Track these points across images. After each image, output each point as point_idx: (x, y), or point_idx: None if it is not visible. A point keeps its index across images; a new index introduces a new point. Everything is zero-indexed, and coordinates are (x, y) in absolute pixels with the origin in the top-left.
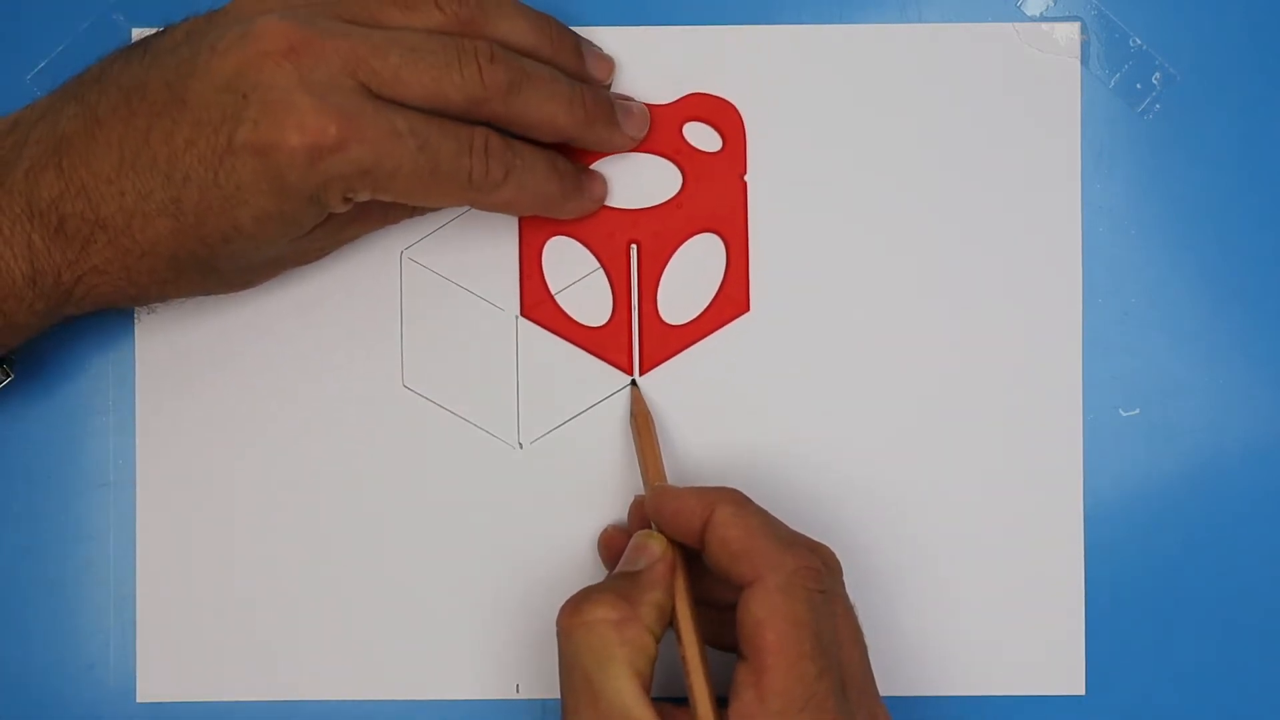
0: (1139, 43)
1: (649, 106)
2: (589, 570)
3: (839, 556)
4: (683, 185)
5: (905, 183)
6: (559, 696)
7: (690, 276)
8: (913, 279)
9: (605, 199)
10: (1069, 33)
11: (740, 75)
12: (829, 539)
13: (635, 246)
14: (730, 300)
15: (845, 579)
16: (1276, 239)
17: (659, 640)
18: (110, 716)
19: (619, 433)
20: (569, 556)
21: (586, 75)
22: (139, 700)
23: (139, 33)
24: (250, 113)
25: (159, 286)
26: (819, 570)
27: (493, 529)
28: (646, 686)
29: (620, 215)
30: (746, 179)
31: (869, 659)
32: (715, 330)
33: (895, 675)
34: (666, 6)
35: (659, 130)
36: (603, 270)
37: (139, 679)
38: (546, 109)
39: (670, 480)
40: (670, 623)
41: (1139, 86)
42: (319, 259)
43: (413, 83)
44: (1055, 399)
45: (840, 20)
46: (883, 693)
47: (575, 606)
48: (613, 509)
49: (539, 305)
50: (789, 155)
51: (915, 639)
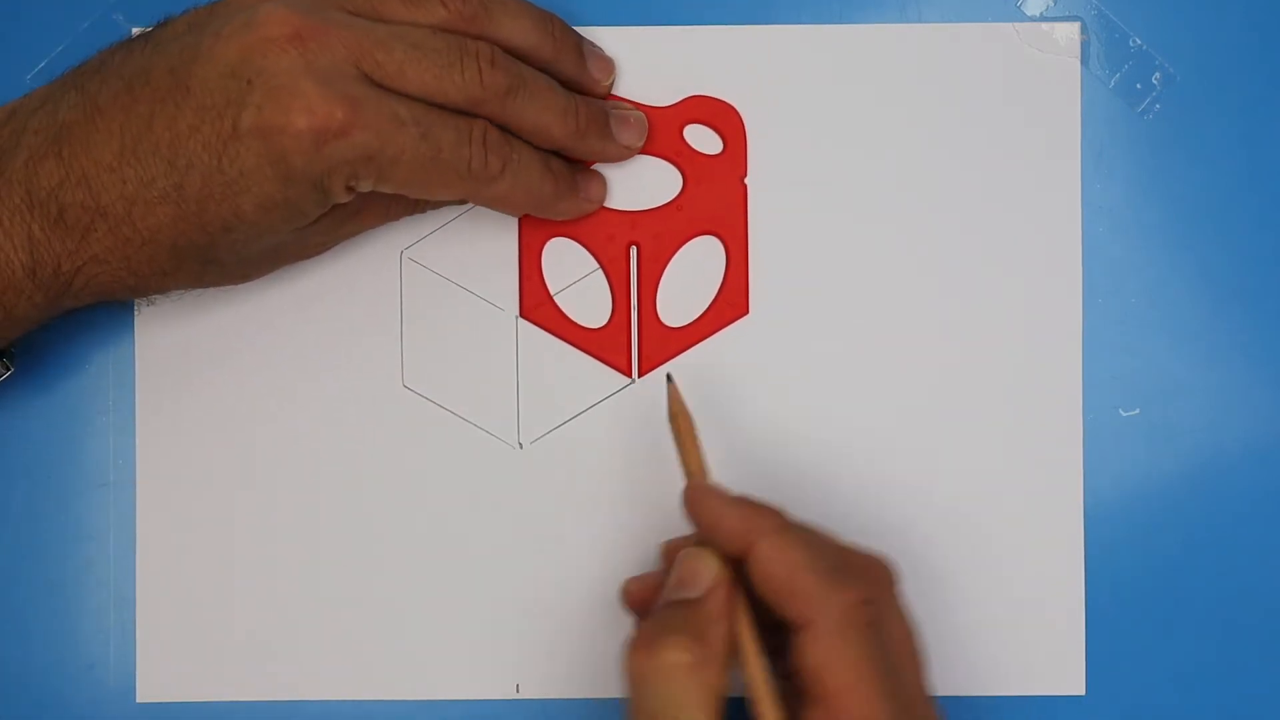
0: (1139, 43)
1: (649, 109)
2: (589, 570)
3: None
4: (683, 187)
5: (905, 183)
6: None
7: (690, 278)
8: (913, 280)
9: (604, 200)
10: (1069, 33)
11: (740, 76)
12: None
13: (635, 248)
14: (730, 303)
15: None
16: (1276, 239)
17: (729, 675)
18: (110, 716)
19: (619, 433)
20: (569, 556)
21: (587, 76)
22: (139, 700)
23: (139, 32)
24: (255, 98)
25: (158, 277)
26: (871, 601)
27: (493, 529)
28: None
29: (620, 217)
30: (746, 182)
31: (926, 665)
32: (714, 332)
33: None
34: (666, 6)
35: (659, 132)
36: (602, 271)
37: (139, 679)
38: (541, 117)
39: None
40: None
41: (1139, 86)
42: (318, 254)
43: (414, 78)
44: (1055, 399)
45: (840, 20)
46: None
47: (648, 648)
48: (613, 509)
49: (538, 306)
50: (789, 158)
51: None
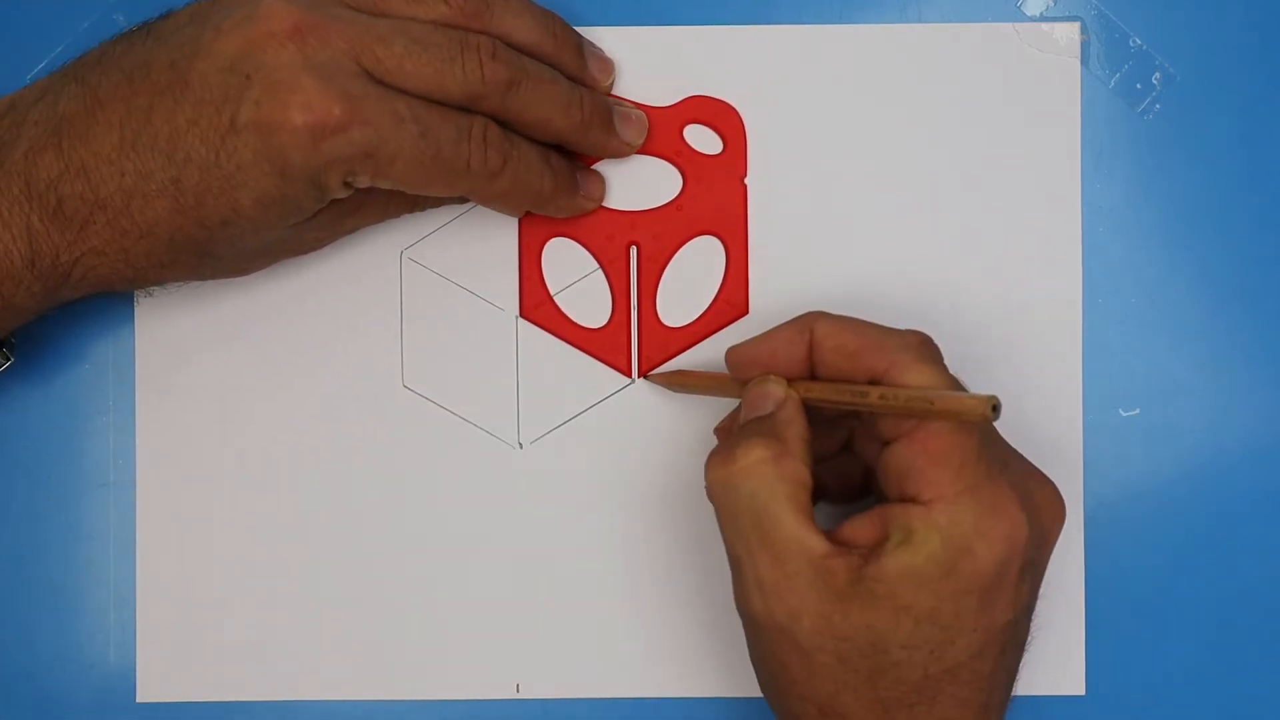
0: (1139, 43)
1: (650, 109)
2: (589, 570)
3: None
4: (683, 187)
5: (905, 184)
6: (726, 548)
7: (690, 279)
8: (912, 280)
9: (603, 199)
10: (1069, 33)
11: (740, 76)
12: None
13: (635, 248)
14: (729, 303)
15: None
16: (1276, 239)
17: (812, 471)
18: (110, 716)
19: (619, 433)
20: (569, 556)
21: (586, 75)
22: (139, 700)
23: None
24: (253, 93)
25: (156, 270)
26: (931, 339)
27: (493, 529)
28: (812, 517)
29: (620, 217)
30: (746, 182)
31: None
32: (714, 333)
33: None
34: (666, 6)
35: (659, 132)
36: (602, 272)
37: (139, 679)
38: (544, 109)
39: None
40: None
41: (1139, 86)
42: (316, 249)
43: (414, 73)
44: (1055, 399)
45: (840, 20)
46: None
47: (727, 455)
48: (612, 509)
49: (538, 306)
50: (789, 158)
51: None
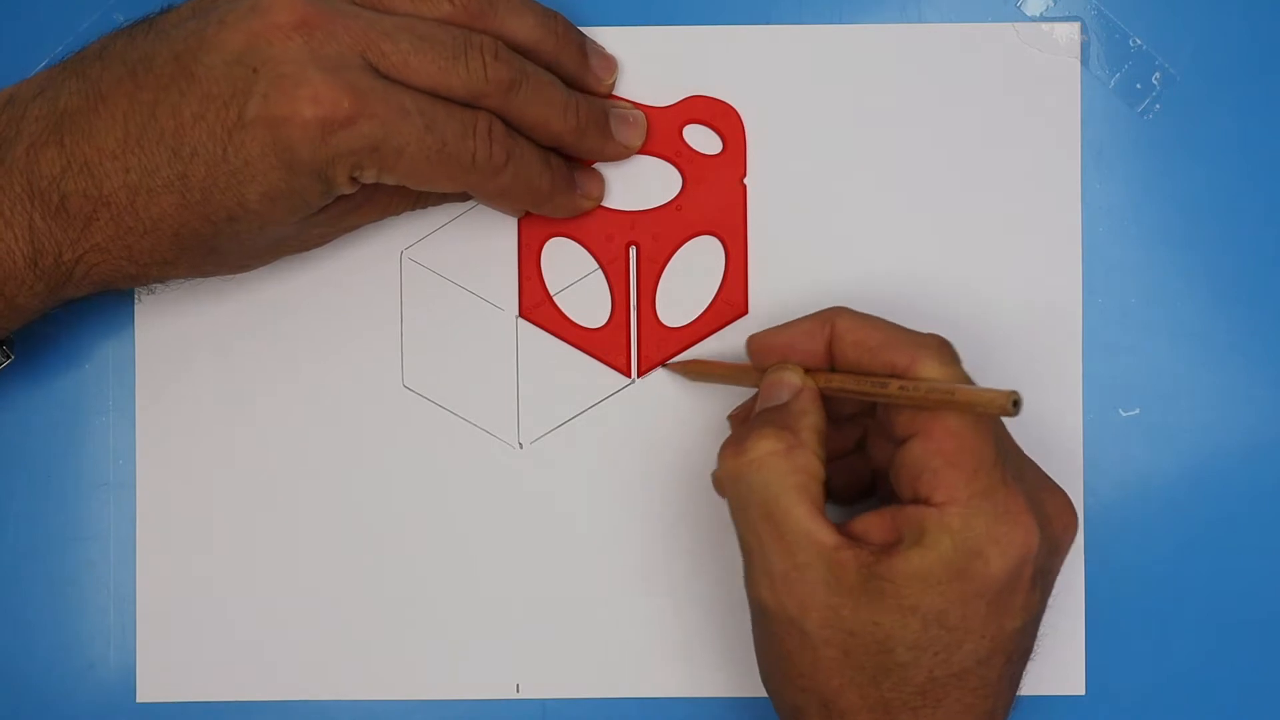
0: (1139, 43)
1: (649, 109)
2: (589, 569)
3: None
4: (682, 187)
5: (905, 184)
6: (738, 537)
7: (689, 279)
8: (912, 280)
9: (602, 198)
10: (1069, 33)
11: (740, 76)
12: None
13: (634, 248)
14: (729, 303)
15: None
16: (1276, 239)
17: (824, 464)
18: (110, 716)
19: (619, 433)
20: (568, 556)
21: (589, 74)
22: (139, 700)
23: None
24: (261, 86)
25: (159, 267)
26: (949, 343)
27: (493, 529)
28: (823, 510)
29: (619, 217)
30: (746, 182)
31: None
32: (714, 332)
33: None
34: (666, 6)
35: (659, 132)
36: (601, 272)
37: (139, 679)
38: (542, 113)
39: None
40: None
41: (1139, 86)
42: (318, 245)
43: (419, 69)
44: (1055, 399)
45: (840, 20)
46: None
47: (738, 447)
48: (612, 509)
49: (538, 306)
50: (789, 158)
51: None
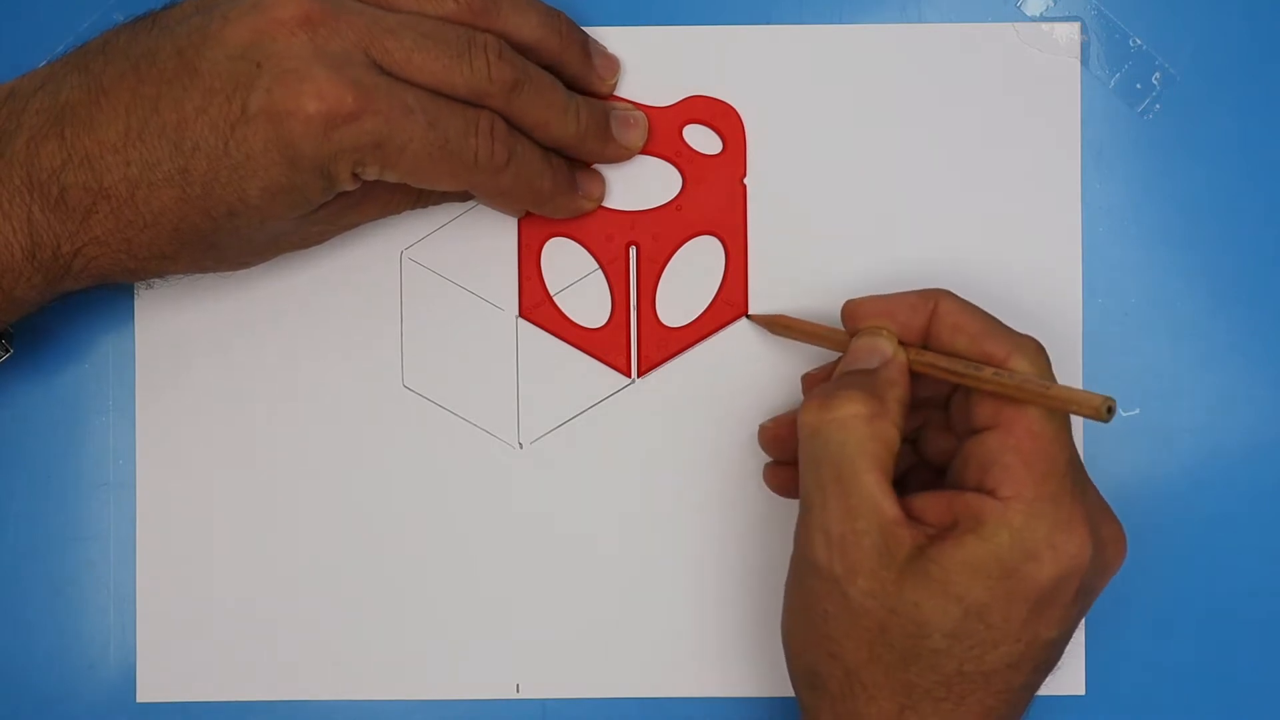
0: (1139, 43)
1: (649, 109)
2: (588, 570)
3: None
4: (682, 187)
5: (905, 184)
6: (801, 490)
7: (689, 279)
8: (912, 280)
9: (603, 199)
10: (1069, 33)
11: (740, 76)
12: None
13: (634, 248)
14: (729, 303)
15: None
16: (1276, 239)
17: (903, 435)
18: (110, 716)
19: (619, 433)
20: (569, 556)
21: (592, 74)
22: (139, 700)
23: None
24: (264, 81)
25: (158, 261)
26: (1043, 350)
27: (493, 529)
28: (890, 480)
29: (619, 217)
30: (746, 182)
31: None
32: (714, 332)
33: None
34: (666, 6)
35: (659, 132)
36: (601, 272)
37: (139, 679)
38: (542, 115)
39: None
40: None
41: (1139, 86)
42: (317, 243)
43: (423, 67)
44: None
45: (840, 20)
46: None
47: (825, 402)
48: (612, 509)
49: (538, 306)
50: (789, 158)
51: None
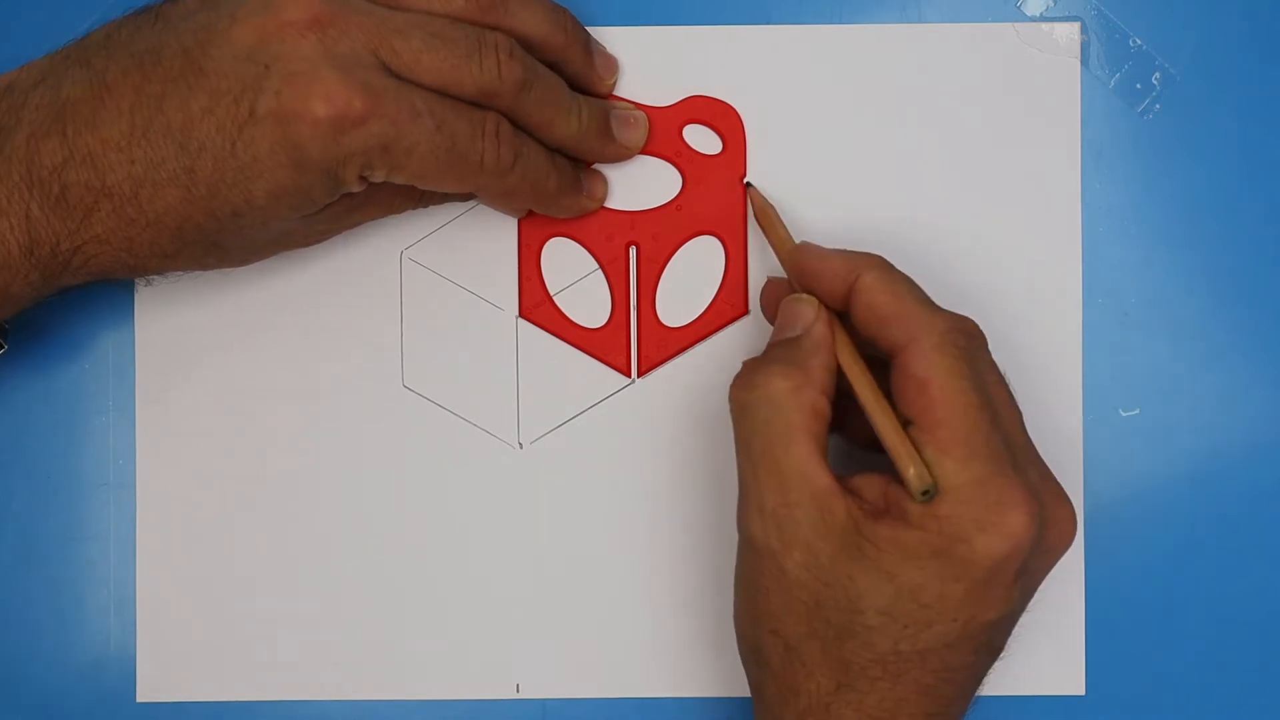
0: (1139, 43)
1: (649, 108)
2: (589, 570)
3: None
4: (682, 187)
5: (905, 184)
6: (737, 467)
7: (689, 278)
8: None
9: (605, 199)
10: (1069, 33)
11: (740, 76)
12: None
13: (634, 248)
14: (729, 303)
15: None
16: (1276, 239)
17: (832, 402)
18: (110, 716)
19: (619, 433)
20: (569, 556)
21: (593, 73)
22: (139, 700)
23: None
24: (272, 83)
25: (158, 259)
26: (970, 331)
27: (492, 529)
28: (824, 452)
29: (619, 217)
30: (746, 181)
31: (1022, 417)
32: (714, 332)
33: None
34: (666, 6)
35: (659, 132)
36: (601, 272)
37: (139, 679)
38: (548, 113)
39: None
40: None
41: (1139, 86)
42: (319, 241)
43: (431, 67)
44: (1055, 399)
45: (840, 20)
46: None
47: (748, 379)
48: (612, 509)
49: (538, 306)
50: (789, 158)
51: None
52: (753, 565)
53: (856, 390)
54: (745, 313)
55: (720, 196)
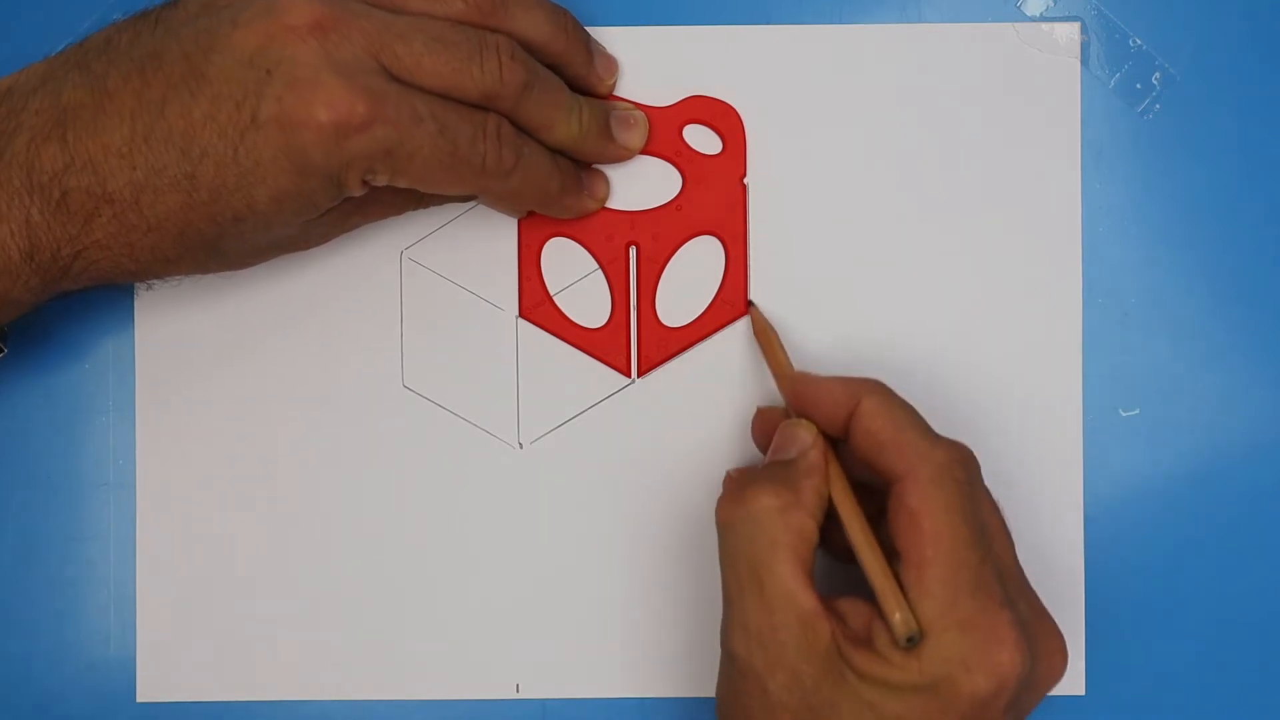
0: (1139, 43)
1: (649, 109)
2: (589, 570)
3: None
4: (682, 187)
5: (905, 184)
6: (722, 586)
7: (689, 279)
8: (912, 281)
9: (607, 199)
10: (1069, 33)
11: (740, 76)
12: None
13: (634, 248)
14: (729, 303)
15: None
16: (1276, 239)
17: (820, 527)
18: (110, 716)
19: (619, 433)
20: (569, 556)
21: (593, 74)
22: (139, 700)
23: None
24: (274, 89)
25: (160, 264)
26: (966, 462)
27: (492, 529)
28: (809, 573)
29: (619, 217)
30: (746, 182)
31: (1014, 546)
32: (714, 332)
33: None
34: (666, 6)
35: (659, 132)
36: (601, 272)
37: (139, 679)
38: (549, 114)
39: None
40: (829, 511)
41: (1139, 86)
42: (320, 244)
43: (433, 71)
44: (1055, 399)
45: (840, 20)
46: None
47: (737, 496)
48: (612, 509)
49: (538, 306)
50: (789, 158)
51: None
52: (735, 682)
53: (846, 525)
54: (745, 313)
55: (720, 197)
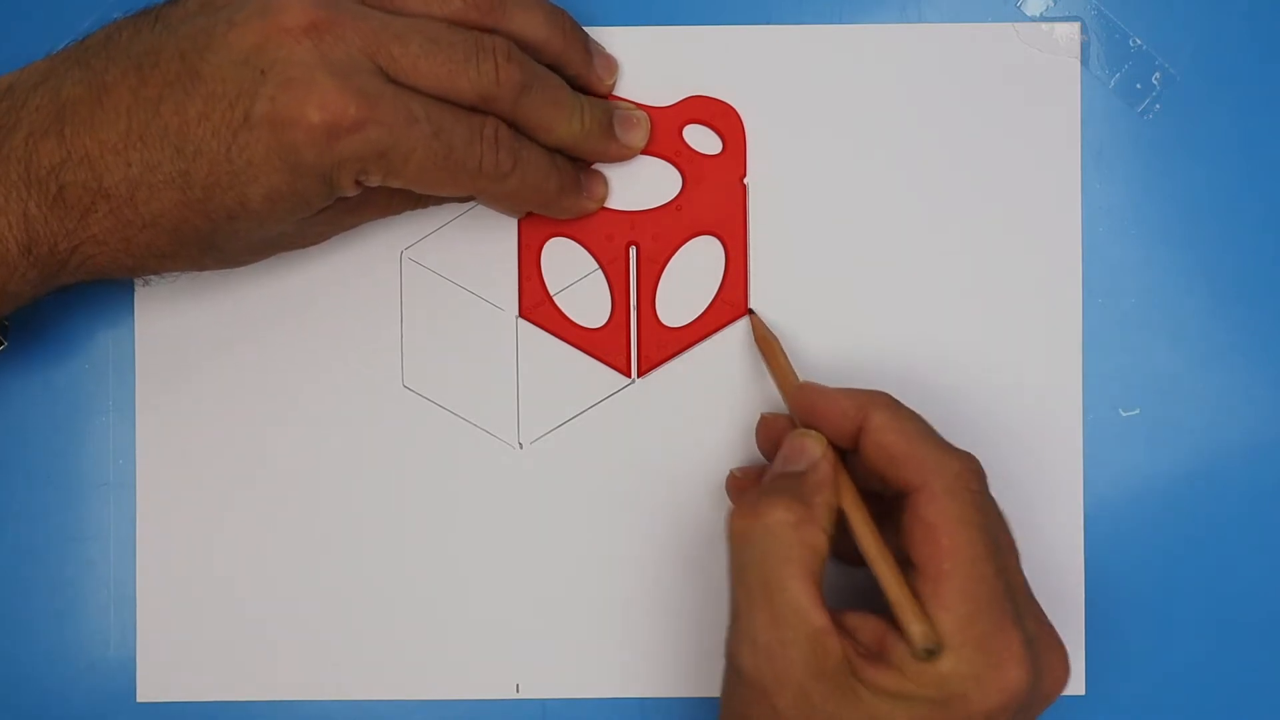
0: (1139, 43)
1: (649, 108)
2: (588, 570)
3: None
4: (682, 187)
5: (905, 184)
6: (730, 598)
7: (689, 279)
8: (912, 280)
9: (605, 199)
10: (1069, 33)
11: (740, 76)
12: None
13: (634, 248)
14: (729, 303)
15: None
16: (1276, 239)
17: (831, 541)
18: (110, 716)
19: (619, 433)
20: (569, 556)
21: (592, 74)
22: (139, 700)
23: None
24: (268, 89)
25: (156, 260)
26: (978, 473)
27: (493, 529)
28: (820, 589)
29: (619, 217)
30: (746, 182)
31: (1020, 558)
32: (713, 332)
33: None
34: (666, 6)
35: (659, 132)
36: (601, 272)
37: (139, 679)
38: (549, 114)
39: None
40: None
41: (1139, 86)
42: (317, 243)
43: (429, 72)
44: (1055, 399)
45: (840, 20)
46: None
47: (751, 509)
48: (612, 509)
49: (538, 306)
50: (789, 158)
51: None
52: (741, 698)
53: (859, 537)
54: (745, 313)
55: (720, 197)
